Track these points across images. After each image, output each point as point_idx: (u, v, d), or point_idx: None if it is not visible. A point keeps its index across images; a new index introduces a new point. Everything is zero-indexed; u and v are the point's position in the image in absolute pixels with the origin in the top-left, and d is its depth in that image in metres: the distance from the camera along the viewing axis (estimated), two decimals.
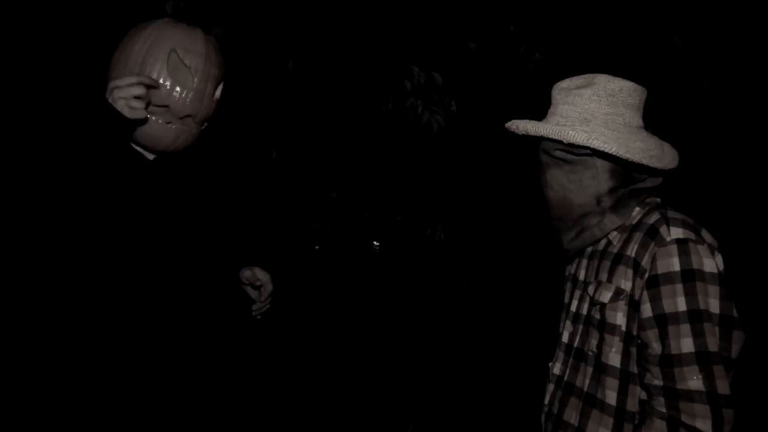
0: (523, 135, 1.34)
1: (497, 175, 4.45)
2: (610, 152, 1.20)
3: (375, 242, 5.09)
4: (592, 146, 1.21)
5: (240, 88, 3.28)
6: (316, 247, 4.57)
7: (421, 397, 3.92)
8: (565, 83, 1.33)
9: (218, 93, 1.48)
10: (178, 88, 1.37)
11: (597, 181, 1.28)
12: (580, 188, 1.29)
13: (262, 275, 1.66)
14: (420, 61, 3.16)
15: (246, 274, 1.66)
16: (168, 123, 1.39)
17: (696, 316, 1.14)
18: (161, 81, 1.35)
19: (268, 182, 3.80)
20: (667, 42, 3.44)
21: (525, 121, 1.33)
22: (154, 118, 1.37)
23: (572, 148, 1.26)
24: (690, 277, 1.15)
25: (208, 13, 2.75)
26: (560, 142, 1.26)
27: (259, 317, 1.70)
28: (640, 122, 1.32)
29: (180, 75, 1.37)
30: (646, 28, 3.46)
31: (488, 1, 3.31)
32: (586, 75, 1.32)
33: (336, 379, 4.07)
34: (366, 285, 5.00)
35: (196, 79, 1.39)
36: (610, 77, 1.29)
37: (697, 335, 1.13)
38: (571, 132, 1.23)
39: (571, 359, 1.37)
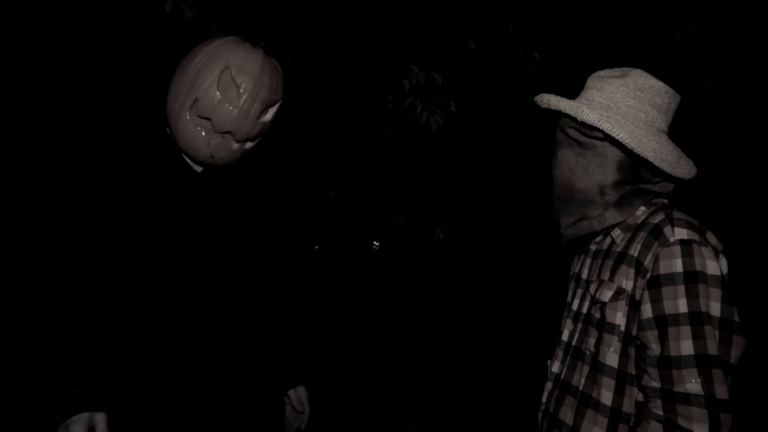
0: (545, 109, 1.34)
1: (496, 175, 4.45)
2: (617, 138, 1.19)
3: (375, 242, 5.09)
4: (602, 128, 1.21)
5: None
6: (316, 247, 4.57)
7: (421, 397, 3.91)
8: (602, 72, 1.34)
9: (268, 116, 1.50)
10: (224, 104, 1.40)
11: (603, 170, 1.27)
12: (585, 173, 1.29)
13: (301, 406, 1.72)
14: (419, 61, 3.15)
15: (293, 399, 1.72)
16: (207, 135, 1.42)
17: (696, 319, 1.12)
18: (209, 94, 1.39)
19: (268, 182, 3.78)
20: (668, 41, 3.43)
21: (551, 95, 1.33)
22: (198, 128, 1.41)
23: (585, 128, 1.26)
24: (692, 278, 1.14)
25: (207, 12, 2.74)
26: (574, 119, 1.27)
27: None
28: (664, 126, 1.30)
29: (229, 92, 1.42)
30: (646, 28, 3.45)
31: (488, 1, 3.29)
32: (625, 68, 1.32)
33: (336, 379, 4.06)
34: (366, 285, 4.99)
35: (243, 98, 1.42)
36: (646, 74, 1.29)
37: (697, 338, 1.11)
38: (586, 111, 1.23)
39: (569, 358, 1.36)
